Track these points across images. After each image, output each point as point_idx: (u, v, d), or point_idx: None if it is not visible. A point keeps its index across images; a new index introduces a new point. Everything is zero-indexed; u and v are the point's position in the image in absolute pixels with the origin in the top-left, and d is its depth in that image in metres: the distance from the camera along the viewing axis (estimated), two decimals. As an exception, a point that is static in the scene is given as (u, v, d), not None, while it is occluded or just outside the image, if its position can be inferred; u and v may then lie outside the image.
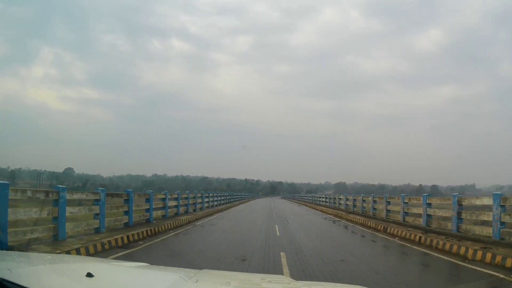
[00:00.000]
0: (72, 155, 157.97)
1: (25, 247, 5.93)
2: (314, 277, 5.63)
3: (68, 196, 7.91)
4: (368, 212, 17.29)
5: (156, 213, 13.52)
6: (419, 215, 12.01)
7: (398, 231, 11.13)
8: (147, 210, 12.71)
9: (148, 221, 12.39)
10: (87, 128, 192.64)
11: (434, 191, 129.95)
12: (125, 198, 11.27)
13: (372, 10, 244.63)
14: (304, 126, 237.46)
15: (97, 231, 9.01)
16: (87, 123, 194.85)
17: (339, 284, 1.62)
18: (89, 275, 1.36)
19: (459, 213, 9.67)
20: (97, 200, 9.19)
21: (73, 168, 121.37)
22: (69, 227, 7.96)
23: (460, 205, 9.77)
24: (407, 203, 13.36)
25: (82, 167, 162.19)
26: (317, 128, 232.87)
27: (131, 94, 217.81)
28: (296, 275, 5.40)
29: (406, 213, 13.09)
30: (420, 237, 9.61)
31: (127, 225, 10.77)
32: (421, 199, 12.02)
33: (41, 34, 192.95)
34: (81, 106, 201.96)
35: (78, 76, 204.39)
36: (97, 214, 9.14)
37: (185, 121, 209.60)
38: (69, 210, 7.93)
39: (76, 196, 8.93)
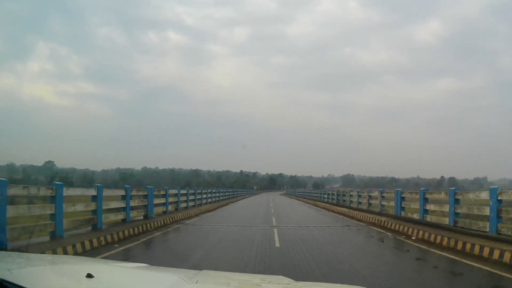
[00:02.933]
0: (62, 149, 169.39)
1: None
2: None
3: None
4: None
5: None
6: None
7: None
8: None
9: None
10: (81, 122, 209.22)
11: (453, 184, 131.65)
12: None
13: (370, 1, 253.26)
14: (303, 118, 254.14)
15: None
16: (82, 117, 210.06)
17: (338, 285, 1.78)
18: (89, 275, 1.47)
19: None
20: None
21: (53, 162, 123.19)
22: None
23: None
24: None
25: (70, 161, 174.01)
26: (316, 120, 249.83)
27: (127, 88, 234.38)
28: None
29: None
30: None
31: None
32: None
33: (36, 28, 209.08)
34: (77, 100, 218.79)
35: (75, 70, 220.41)
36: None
37: (181, 115, 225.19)
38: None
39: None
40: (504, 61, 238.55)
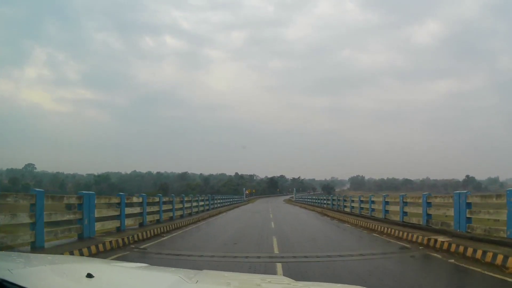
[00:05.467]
0: (55, 154, 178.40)
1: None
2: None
3: None
4: None
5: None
6: None
7: None
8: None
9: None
10: (77, 127, 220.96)
11: (476, 185, 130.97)
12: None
13: (368, 2, 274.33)
14: (302, 122, 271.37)
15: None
16: (78, 123, 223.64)
17: (339, 285, 1.93)
18: (89, 275, 1.62)
19: None
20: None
21: (34, 164, 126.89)
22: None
23: None
24: None
25: (59, 166, 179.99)
26: (316, 124, 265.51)
27: (124, 93, 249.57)
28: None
29: None
30: None
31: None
32: None
33: (33, 34, 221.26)
34: (73, 106, 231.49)
35: (72, 76, 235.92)
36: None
37: (179, 119, 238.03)
38: None
39: None
40: (504, 61, 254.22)
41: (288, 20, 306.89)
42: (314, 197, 46.66)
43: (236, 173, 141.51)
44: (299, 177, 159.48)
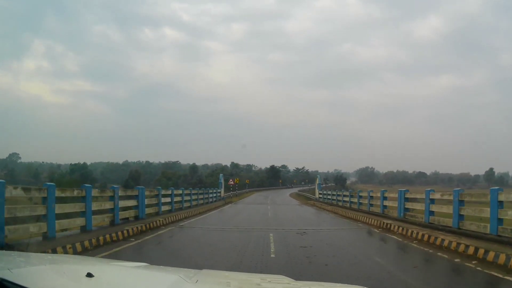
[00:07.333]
0: (52, 145, 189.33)
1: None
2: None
3: None
4: None
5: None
6: None
7: None
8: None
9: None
10: (76, 119, 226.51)
11: (498, 180, 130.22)
12: None
13: None
14: (303, 115, 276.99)
15: None
16: (77, 115, 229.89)
17: (339, 284, 2.04)
18: (89, 275, 1.70)
19: None
20: None
21: (18, 154, 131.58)
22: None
23: None
24: None
25: (53, 156, 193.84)
26: (317, 117, 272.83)
27: (124, 85, 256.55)
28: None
29: None
30: None
31: None
32: None
33: (32, 26, 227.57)
34: (72, 98, 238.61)
35: (71, 67, 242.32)
36: None
37: (178, 112, 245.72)
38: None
39: None
40: (506, 58, 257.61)
41: (288, 13, 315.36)
42: (360, 195, 24.77)
43: (232, 162, 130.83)
44: (303, 167, 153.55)
